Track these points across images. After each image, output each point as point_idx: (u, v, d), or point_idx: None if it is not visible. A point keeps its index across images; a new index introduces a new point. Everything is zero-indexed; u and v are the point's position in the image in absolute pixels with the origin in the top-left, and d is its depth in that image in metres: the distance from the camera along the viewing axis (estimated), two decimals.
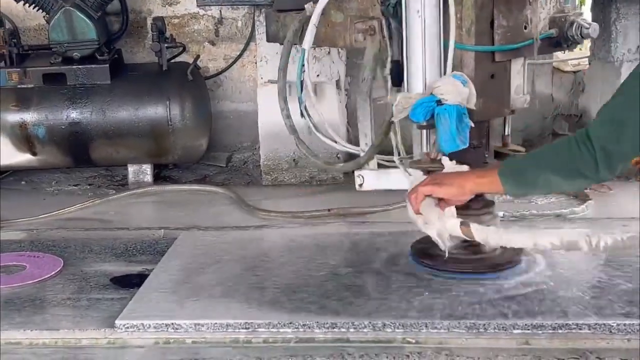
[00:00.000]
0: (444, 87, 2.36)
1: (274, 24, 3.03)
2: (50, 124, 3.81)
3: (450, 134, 2.36)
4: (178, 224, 3.27)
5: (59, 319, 2.41)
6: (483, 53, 2.45)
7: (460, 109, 2.36)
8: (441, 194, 2.37)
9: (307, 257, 2.77)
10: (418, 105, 2.40)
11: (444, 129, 2.36)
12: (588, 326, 2.19)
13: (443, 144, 2.39)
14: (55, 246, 3.01)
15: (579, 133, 2.16)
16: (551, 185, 2.26)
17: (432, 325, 2.22)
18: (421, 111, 2.39)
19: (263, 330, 2.26)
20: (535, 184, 2.25)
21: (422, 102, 2.39)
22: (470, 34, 2.42)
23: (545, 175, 2.21)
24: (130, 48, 4.26)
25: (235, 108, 4.32)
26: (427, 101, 2.38)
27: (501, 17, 2.43)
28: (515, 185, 2.28)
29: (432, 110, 2.38)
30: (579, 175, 2.16)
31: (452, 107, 2.35)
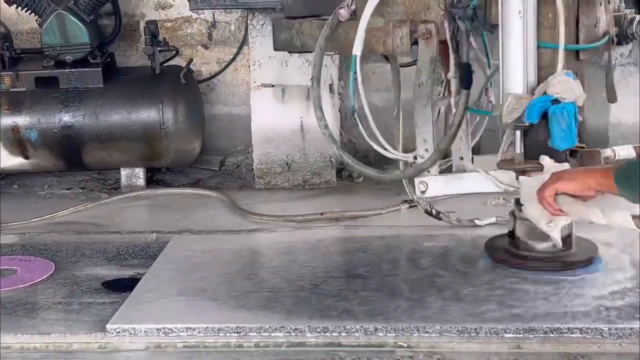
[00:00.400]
0: (560, 86, 2.37)
1: (286, 31, 2.93)
2: (42, 127, 3.80)
3: (570, 131, 2.37)
4: (170, 227, 3.27)
5: (51, 323, 2.41)
6: (570, 53, 2.48)
7: (575, 106, 2.39)
8: (567, 189, 2.33)
9: (300, 261, 2.77)
10: (533, 106, 2.40)
11: (561, 127, 2.37)
12: (579, 330, 2.19)
13: (559, 142, 2.40)
14: (47, 250, 3.00)
15: None
16: None
17: (423, 330, 2.22)
18: (536, 111, 2.40)
19: (254, 334, 2.26)
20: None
21: (537, 102, 2.40)
22: (566, 34, 2.45)
23: None
24: (123, 52, 4.25)
25: (228, 112, 4.31)
26: (543, 101, 2.39)
27: (584, 16, 2.48)
28: (629, 191, 2.20)
29: (545, 109, 2.38)
30: None
31: (570, 105, 2.37)
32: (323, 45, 2.73)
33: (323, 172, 3.81)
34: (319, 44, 2.73)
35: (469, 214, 3.07)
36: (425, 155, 2.71)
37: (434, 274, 2.59)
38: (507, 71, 2.48)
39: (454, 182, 2.73)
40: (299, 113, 3.81)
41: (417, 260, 2.72)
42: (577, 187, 2.33)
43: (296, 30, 2.90)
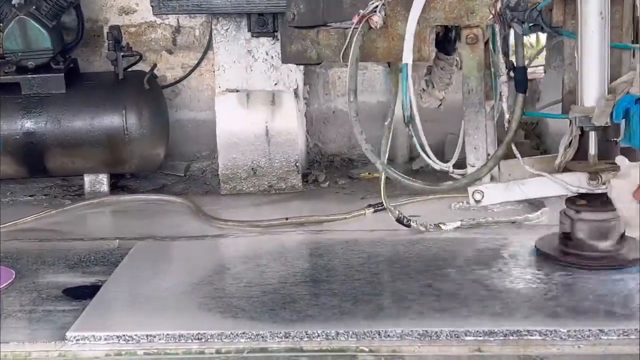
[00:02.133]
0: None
1: (298, 42, 2.76)
2: (4, 134, 3.75)
3: None
4: (134, 234, 3.24)
5: (10, 331, 2.38)
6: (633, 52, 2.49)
7: None
8: None
9: (264, 266, 2.77)
10: (619, 105, 2.39)
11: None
12: (539, 332, 2.20)
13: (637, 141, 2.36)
14: (7, 257, 2.97)
15: None
16: None
17: (384, 334, 2.23)
18: (621, 111, 2.39)
19: (216, 340, 2.25)
20: None
21: (622, 101, 2.39)
22: (628, 34, 2.48)
23: None
24: (86, 57, 4.23)
25: (193, 117, 4.30)
26: (628, 100, 2.38)
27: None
28: None
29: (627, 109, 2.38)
30: None
31: None
32: (358, 55, 2.57)
33: (289, 177, 3.81)
34: (354, 54, 2.56)
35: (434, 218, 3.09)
36: (476, 164, 2.67)
37: (398, 278, 2.60)
38: (586, 73, 2.46)
39: (515, 188, 2.67)
40: (264, 118, 3.81)
41: (380, 264, 2.73)
42: None
43: (311, 40, 2.74)
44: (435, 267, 2.67)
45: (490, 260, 2.72)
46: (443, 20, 2.53)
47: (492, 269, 2.64)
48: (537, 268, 2.63)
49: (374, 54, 2.60)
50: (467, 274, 2.60)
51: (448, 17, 2.52)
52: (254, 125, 3.82)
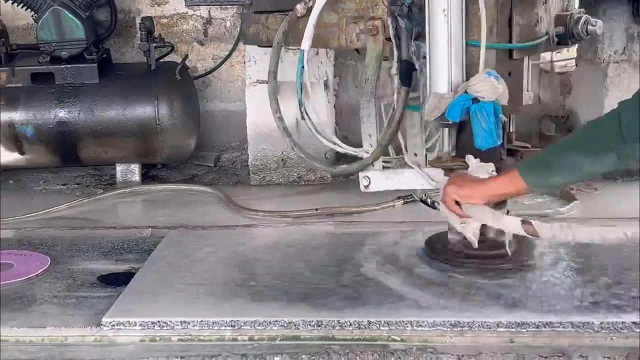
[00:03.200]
0: (479, 85, 2.38)
1: (253, 26, 2.98)
2: (38, 123, 3.81)
3: (489, 131, 2.38)
4: (165, 223, 3.28)
5: (46, 316, 2.42)
6: (501, 51, 2.49)
7: (497, 105, 2.39)
8: (461, 199, 2.37)
9: (294, 255, 2.79)
10: (454, 104, 2.41)
11: (482, 126, 2.38)
12: (571, 324, 2.20)
13: (480, 142, 2.40)
14: (42, 245, 3.01)
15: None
16: (576, 166, 2.13)
17: (417, 323, 2.24)
18: (457, 110, 2.41)
19: (249, 328, 2.27)
20: (560, 168, 2.16)
21: (458, 100, 2.41)
22: (492, 33, 2.46)
23: (568, 155, 2.12)
24: (118, 48, 4.27)
25: (223, 108, 4.33)
26: (464, 100, 2.40)
27: (518, 15, 2.47)
28: (536, 175, 2.22)
29: (467, 108, 2.39)
30: (605, 148, 2.04)
31: (490, 104, 2.38)
32: (280, 39, 2.78)
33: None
34: (277, 39, 2.78)
35: None
36: (370, 150, 2.73)
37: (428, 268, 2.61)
38: (433, 70, 2.48)
39: (394, 178, 2.75)
40: (294, 109, 3.79)
41: (411, 255, 2.73)
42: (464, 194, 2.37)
43: (262, 24, 2.93)
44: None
45: None
46: (355, 12, 2.63)
47: None
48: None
49: (312, 40, 2.74)
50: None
51: (358, 8, 2.63)
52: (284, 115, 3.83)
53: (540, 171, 2.23)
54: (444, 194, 2.42)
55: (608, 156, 2.07)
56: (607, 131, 2.04)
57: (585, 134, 2.18)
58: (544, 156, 2.29)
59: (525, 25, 2.49)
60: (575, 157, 2.13)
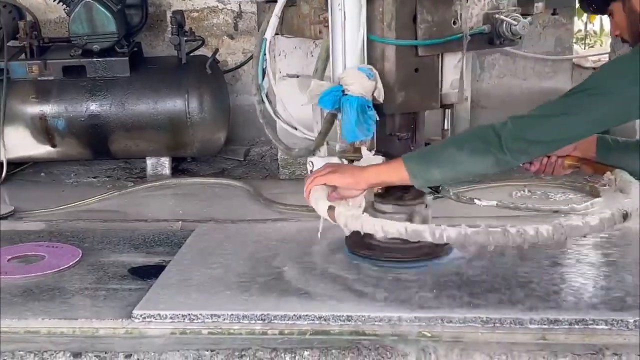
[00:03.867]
0: (348, 78, 2.39)
1: (262, 15, 3.03)
2: (69, 116, 3.84)
3: (351, 125, 2.37)
4: (195, 216, 3.29)
5: (77, 308, 2.43)
6: (405, 47, 2.46)
7: (363, 100, 2.38)
8: (335, 182, 2.40)
9: (324, 250, 2.78)
10: (327, 94, 2.42)
11: (347, 119, 2.38)
12: (605, 321, 2.18)
13: (345, 134, 2.42)
14: (74, 237, 3.03)
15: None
16: (456, 163, 2.23)
17: (447, 319, 2.22)
18: (329, 99, 2.42)
19: (279, 322, 2.27)
20: (439, 162, 2.24)
21: (330, 90, 2.42)
22: (391, 28, 2.44)
23: (449, 151, 2.20)
24: (149, 41, 4.29)
25: (253, 102, 4.30)
26: (335, 90, 2.41)
27: (425, 12, 2.44)
28: (417, 165, 2.27)
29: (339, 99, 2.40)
30: (484, 150, 2.16)
31: (354, 98, 2.37)
32: (264, 29, 2.77)
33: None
34: (262, 27, 2.79)
35: None
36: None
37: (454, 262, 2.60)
38: (334, 61, 2.49)
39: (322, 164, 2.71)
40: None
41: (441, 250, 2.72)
42: (346, 181, 2.39)
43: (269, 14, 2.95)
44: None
45: None
46: (318, 3, 2.62)
47: None
48: None
49: (292, 30, 2.77)
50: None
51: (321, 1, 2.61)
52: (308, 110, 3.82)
53: (421, 162, 2.29)
54: (312, 179, 2.43)
55: (487, 158, 2.20)
56: (491, 137, 2.17)
57: (471, 134, 2.27)
58: (430, 149, 2.34)
59: (435, 23, 2.46)
60: (454, 153, 2.22)
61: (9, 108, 3.83)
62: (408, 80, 2.47)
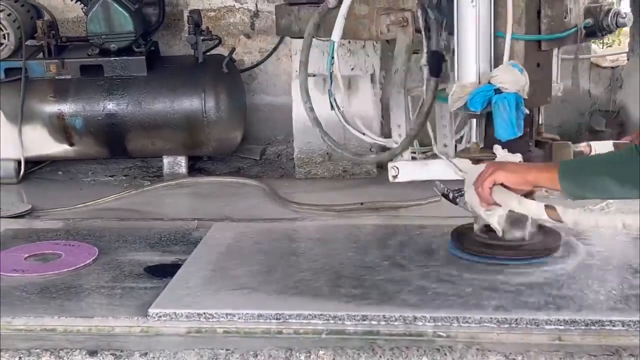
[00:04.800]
0: (503, 76, 2.37)
1: (286, 17, 3.02)
2: (87, 115, 3.86)
3: (510, 122, 2.36)
4: (211, 215, 3.29)
5: (94, 306, 2.44)
6: (530, 42, 2.46)
7: (519, 97, 2.37)
8: (504, 181, 2.35)
9: (340, 249, 2.78)
10: (476, 94, 2.40)
11: (503, 117, 2.36)
12: (622, 323, 2.16)
13: (501, 132, 2.38)
14: (90, 235, 3.04)
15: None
16: (608, 191, 2.19)
17: (463, 320, 2.21)
18: (479, 100, 2.39)
19: (294, 321, 2.27)
20: (594, 188, 2.20)
21: (480, 90, 2.39)
22: (521, 24, 2.44)
23: (602, 180, 2.16)
24: (166, 41, 4.30)
25: (270, 101, 4.34)
26: (485, 90, 2.38)
27: (547, 6, 2.45)
28: (573, 186, 2.23)
29: (489, 99, 2.38)
30: (634, 184, 2.10)
31: (511, 95, 2.35)
32: (311, 31, 2.78)
33: (363, 162, 3.81)
34: (308, 30, 2.78)
35: None
36: (399, 141, 2.72)
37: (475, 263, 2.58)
38: (461, 61, 2.47)
39: (422, 168, 2.74)
40: (340, 102, 3.79)
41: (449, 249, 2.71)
42: (515, 180, 2.33)
43: (294, 16, 2.95)
44: None
45: None
46: (385, 3, 2.62)
47: None
48: None
49: (343, 32, 2.72)
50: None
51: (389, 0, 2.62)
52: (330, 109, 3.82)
53: (577, 186, 2.23)
54: (482, 180, 2.39)
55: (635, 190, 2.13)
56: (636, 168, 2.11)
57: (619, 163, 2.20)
58: (582, 171, 2.27)
59: (554, 17, 2.47)
60: (607, 183, 2.16)
61: (27, 107, 3.86)
62: (532, 76, 2.45)
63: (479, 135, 2.58)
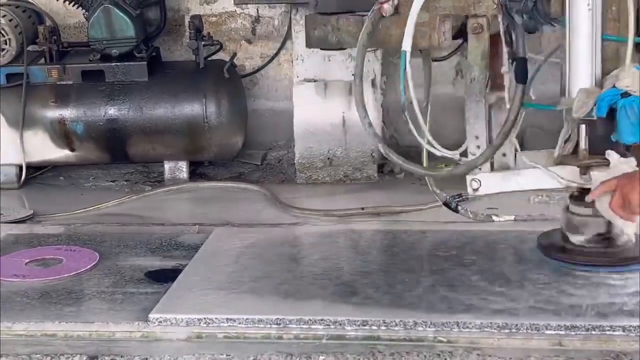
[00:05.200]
0: (629, 80, 2.35)
1: (321, 28, 2.91)
2: (88, 120, 3.86)
3: (638, 126, 2.33)
4: (212, 220, 3.30)
5: (94, 312, 2.45)
6: (635, 45, 2.45)
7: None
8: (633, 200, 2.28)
9: (340, 254, 2.78)
10: (603, 99, 2.37)
11: (630, 120, 2.33)
12: (622, 328, 2.16)
13: (627, 136, 2.35)
14: (91, 241, 3.04)
15: None
16: None
17: (463, 325, 2.21)
18: (605, 105, 2.37)
19: (294, 326, 2.27)
20: None
21: (606, 95, 2.37)
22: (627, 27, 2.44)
23: None
24: (168, 46, 4.30)
25: (271, 106, 4.33)
26: (612, 94, 2.36)
27: None
28: None
29: (614, 103, 2.36)
30: None
31: (638, 99, 2.33)
32: (365, 41, 2.66)
33: (364, 167, 3.81)
34: (362, 40, 2.66)
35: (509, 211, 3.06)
36: (476, 152, 2.66)
37: (476, 269, 2.58)
38: (574, 65, 2.44)
39: (511, 179, 2.66)
40: (341, 108, 3.82)
41: (458, 256, 2.71)
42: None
43: (332, 26, 2.83)
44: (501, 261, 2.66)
45: None
46: (451, 10, 2.56)
47: None
48: None
49: (389, 41, 2.65)
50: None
51: (456, 6, 2.55)
52: (330, 115, 3.83)
53: None
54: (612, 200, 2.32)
55: None
56: None
57: None
58: None
59: None
60: None
61: (28, 112, 3.86)
62: None
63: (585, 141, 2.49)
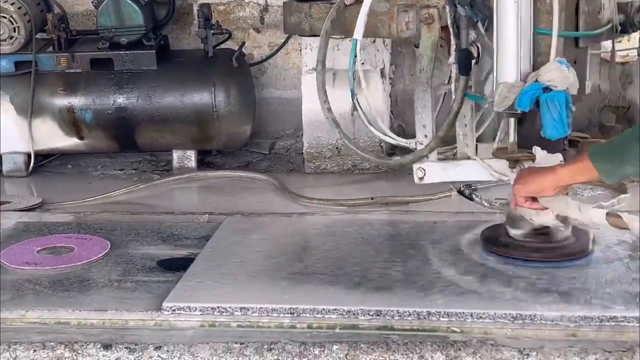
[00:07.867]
0: (551, 74, 2.34)
1: (295, 15, 2.98)
2: (97, 108, 3.85)
3: (560, 121, 2.34)
4: (222, 209, 3.29)
5: (107, 300, 2.44)
6: (568, 39, 2.45)
7: (567, 95, 2.36)
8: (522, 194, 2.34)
9: (352, 244, 2.78)
10: (524, 94, 2.37)
11: (553, 116, 2.34)
12: (636, 319, 2.16)
13: (550, 131, 2.36)
14: (102, 229, 3.04)
15: None
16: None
17: (477, 315, 2.22)
18: (527, 99, 2.37)
19: (308, 315, 2.27)
20: (630, 158, 2.15)
21: (528, 90, 2.37)
22: (561, 20, 2.42)
23: (635, 146, 2.11)
24: (176, 34, 4.29)
25: (279, 95, 4.33)
26: (534, 89, 2.36)
27: (584, 3, 2.45)
28: (608, 163, 2.19)
29: (536, 98, 2.36)
30: None
31: (562, 94, 2.34)
32: (328, 28, 2.74)
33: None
34: (325, 27, 2.74)
35: None
36: (424, 142, 2.70)
37: (486, 259, 2.58)
38: (500, 59, 2.44)
39: (451, 169, 2.73)
40: (350, 97, 3.80)
41: (469, 246, 2.71)
42: (530, 190, 2.34)
43: (305, 13, 2.92)
44: None
45: None
46: (407, 0, 2.60)
47: None
48: None
49: (353, 29, 2.70)
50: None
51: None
52: (339, 104, 3.80)
53: (612, 159, 2.21)
54: (515, 197, 2.38)
55: None
56: None
57: None
58: (616, 145, 2.27)
59: (590, 13, 2.46)
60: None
61: (37, 100, 3.85)
62: None
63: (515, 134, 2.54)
